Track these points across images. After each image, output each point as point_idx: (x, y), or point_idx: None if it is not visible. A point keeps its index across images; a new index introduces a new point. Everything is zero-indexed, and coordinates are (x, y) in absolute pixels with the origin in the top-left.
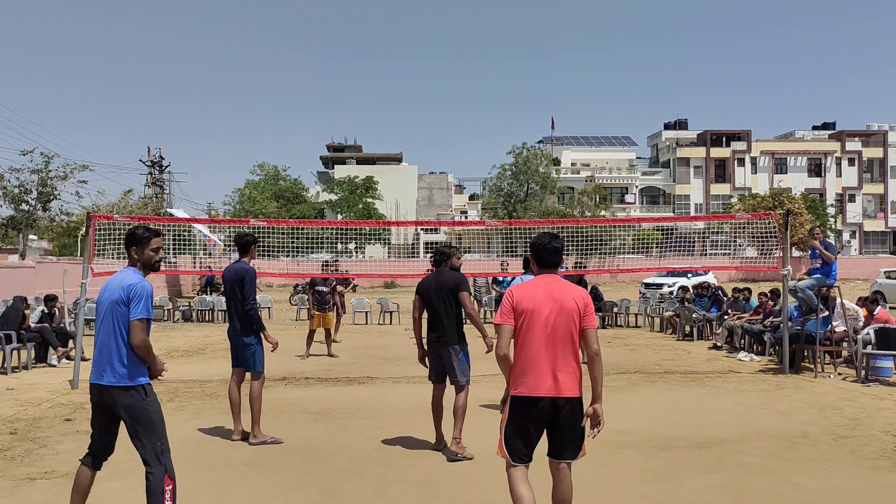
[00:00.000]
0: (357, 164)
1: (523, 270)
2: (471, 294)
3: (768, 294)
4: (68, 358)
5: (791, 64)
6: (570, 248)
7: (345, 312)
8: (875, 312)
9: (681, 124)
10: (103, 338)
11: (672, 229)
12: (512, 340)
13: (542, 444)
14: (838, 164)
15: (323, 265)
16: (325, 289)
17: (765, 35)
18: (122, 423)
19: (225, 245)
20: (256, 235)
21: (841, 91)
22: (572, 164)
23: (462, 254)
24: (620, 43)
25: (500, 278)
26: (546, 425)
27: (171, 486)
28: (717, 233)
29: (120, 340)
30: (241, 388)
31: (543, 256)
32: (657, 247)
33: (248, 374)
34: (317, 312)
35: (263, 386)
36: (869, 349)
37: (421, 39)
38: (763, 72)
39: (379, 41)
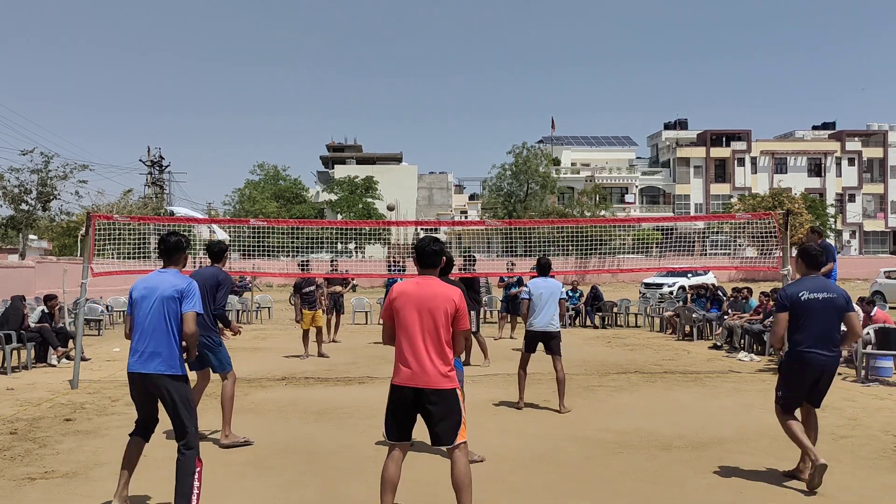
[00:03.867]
0: (357, 164)
1: (536, 273)
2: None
3: (768, 294)
4: (68, 358)
5: (791, 64)
6: (570, 248)
7: (343, 312)
8: (872, 314)
9: (681, 124)
10: (150, 330)
11: (672, 229)
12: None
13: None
14: (838, 164)
15: (300, 265)
16: (310, 289)
17: (765, 35)
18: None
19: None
20: (255, 236)
21: (841, 91)
22: (572, 164)
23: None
24: (620, 43)
25: (506, 278)
26: (417, 412)
27: (199, 468)
28: (717, 233)
29: (172, 332)
30: (206, 390)
31: (423, 258)
32: (657, 247)
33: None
34: (306, 311)
35: (236, 385)
36: (869, 349)
37: (421, 39)
38: (763, 72)
39: (379, 41)
